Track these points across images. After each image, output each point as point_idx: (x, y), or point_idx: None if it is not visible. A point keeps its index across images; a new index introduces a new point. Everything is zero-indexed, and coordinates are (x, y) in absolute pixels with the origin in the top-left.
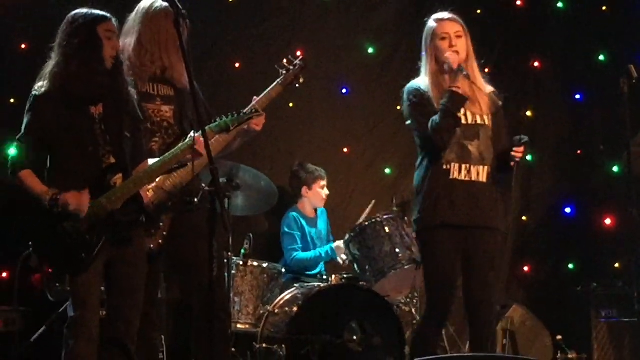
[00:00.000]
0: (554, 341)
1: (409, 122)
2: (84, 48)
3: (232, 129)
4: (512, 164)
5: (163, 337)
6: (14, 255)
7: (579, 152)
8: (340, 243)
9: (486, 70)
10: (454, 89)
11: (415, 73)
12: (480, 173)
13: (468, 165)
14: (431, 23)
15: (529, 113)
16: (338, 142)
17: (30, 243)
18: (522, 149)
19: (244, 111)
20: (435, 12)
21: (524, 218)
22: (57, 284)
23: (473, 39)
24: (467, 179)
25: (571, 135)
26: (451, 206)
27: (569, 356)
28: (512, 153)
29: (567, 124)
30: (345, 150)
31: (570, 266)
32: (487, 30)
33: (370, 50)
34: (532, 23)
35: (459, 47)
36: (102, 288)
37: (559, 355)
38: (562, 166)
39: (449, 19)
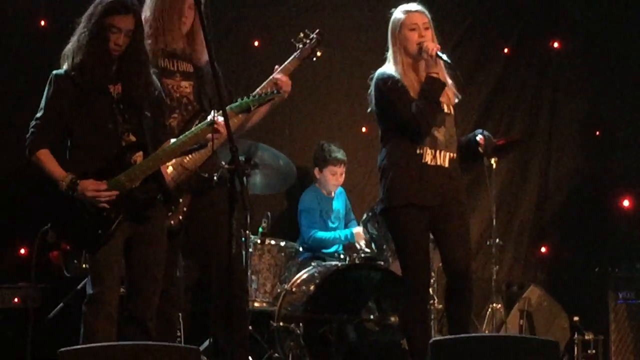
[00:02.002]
0: (571, 322)
1: (375, 108)
2: (91, 39)
3: (253, 110)
4: (480, 149)
5: (181, 315)
6: (32, 231)
7: (597, 133)
8: (360, 229)
9: (505, 51)
10: (434, 75)
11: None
12: (446, 158)
13: (434, 151)
14: (399, 14)
15: (548, 94)
16: (357, 122)
17: (49, 219)
18: (482, 138)
19: (266, 91)
20: None
21: (542, 199)
22: (75, 261)
23: (493, 19)
24: (433, 163)
25: (590, 116)
26: (422, 188)
27: (586, 338)
28: (479, 139)
29: (586, 106)
30: (364, 129)
31: None
32: (506, 10)
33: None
34: (552, 3)
35: (427, 38)
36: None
37: (576, 336)
38: (580, 147)
39: (417, 11)
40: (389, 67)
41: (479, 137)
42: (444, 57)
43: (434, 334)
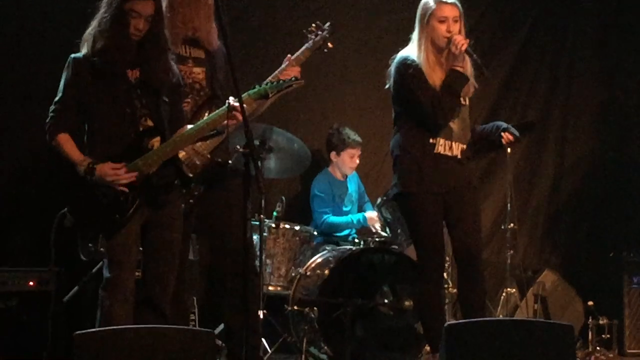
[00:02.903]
0: (585, 307)
1: (392, 89)
2: (111, 24)
3: (271, 97)
4: (506, 141)
5: (195, 298)
6: (49, 215)
7: (612, 117)
8: (373, 214)
9: (521, 35)
10: (459, 69)
11: None
12: (458, 149)
13: (450, 142)
14: (430, 2)
15: (563, 78)
16: (371, 106)
17: (66, 203)
18: (511, 137)
19: (285, 78)
20: None
21: (557, 184)
22: (90, 245)
23: (508, 3)
24: (448, 153)
25: (605, 100)
26: (435, 178)
27: (600, 322)
28: (505, 135)
29: (601, 90)
30: (379, 114)
31: None
32: (518, 6)
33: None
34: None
35: (454, 32)
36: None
37: (590, 321)
38: (595, 131)
39: (450, 3)
40: (412, 51)
41: (508, 134)
42: (474, 54)
43: (448, 318)
